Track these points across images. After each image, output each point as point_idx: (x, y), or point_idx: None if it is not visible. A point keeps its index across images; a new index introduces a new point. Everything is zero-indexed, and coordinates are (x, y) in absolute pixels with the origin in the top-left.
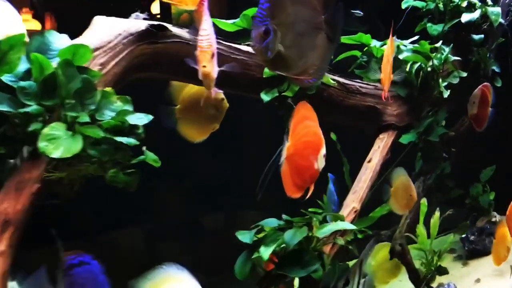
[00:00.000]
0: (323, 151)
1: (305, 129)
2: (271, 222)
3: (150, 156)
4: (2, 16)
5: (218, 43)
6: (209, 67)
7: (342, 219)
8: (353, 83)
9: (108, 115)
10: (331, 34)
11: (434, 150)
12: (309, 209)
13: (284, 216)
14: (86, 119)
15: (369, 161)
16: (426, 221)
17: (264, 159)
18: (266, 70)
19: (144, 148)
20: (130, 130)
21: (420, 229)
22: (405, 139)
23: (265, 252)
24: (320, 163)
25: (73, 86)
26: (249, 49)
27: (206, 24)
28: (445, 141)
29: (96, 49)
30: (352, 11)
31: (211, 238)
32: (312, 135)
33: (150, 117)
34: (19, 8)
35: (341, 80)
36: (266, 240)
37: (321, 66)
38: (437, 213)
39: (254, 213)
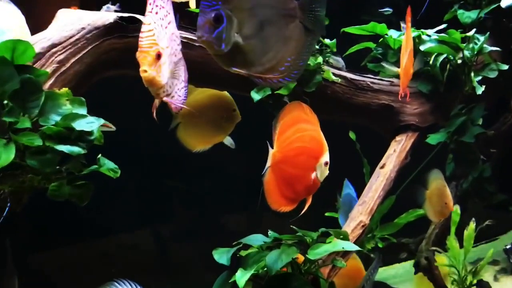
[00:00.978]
0: (324, 159)
1: (297, 133)
2: (255, 239)
3: (107, 166)
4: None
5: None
6: (151, 71)
7: (345, 235)
8: (363, 78)
9: (53, 120)
10: (310, 23)
11: (469, 151)
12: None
13: (270, 233)
14: (26, 124)
15: (382, 167)
16: (459, 231)
17: None
18: None
19: (99, 156)
20: (80, 136)
21: (451, 241)
22: (433, 139)
23: (242, 278)
24: (320, 173)
25: (9, 88)
26: None
27: (149, 18)
28: (483, 142)
29: (54, 45)
30: (380, 10)
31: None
32: (308, 140)
33: (102, 120)
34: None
35: (349, 75)
36: (248, 262)
37: (296, 62)
38: (472, 224)
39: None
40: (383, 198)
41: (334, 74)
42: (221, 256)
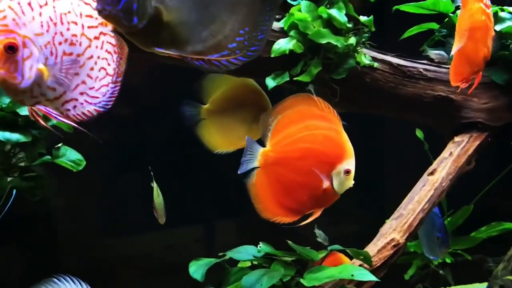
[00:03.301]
0: (343, 166)
1: (305, 131)
2: (244, 252)
3: (68, 156)
4: None
5: None
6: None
7: (366, 257)
8: (414, 65)
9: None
10: None
11: None
12: None
13: (260, 245)
14: None
15: (431, 173)
16: None
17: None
18: (275, 48)
19: (58, 146)
20: (30, 123)
21: None
22: None
23: None
24: (338, 183)
25: None
26: None
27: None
28: None
29: None
30: None
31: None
32: (320, 141)
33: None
34: None
35: (395, 60)
36: (228, 280)
37: (253, 35)
38: None
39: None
40: (428, 212)
41: (373, 58)
42: (197, 270)
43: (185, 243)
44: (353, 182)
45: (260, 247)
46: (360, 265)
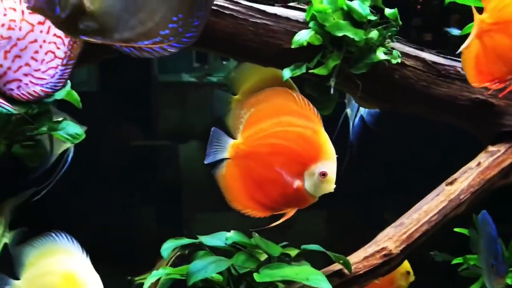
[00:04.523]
0: (318, 167)
1: (277, 127)
2: (217, 238)
3: (66, 130)
4: None
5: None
6: None
7: (346, 263)
8: (451, 63)
9: None
10: None
11: None
12: None
13: (230, 234)
14: None
15: (450, 183)
16: None
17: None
18: (295, 39)
19: (60, 119)
20: None
21: None
22: None
23: (150, 278)
24: (312, 184)
25: None
26: (277, 10)
27: None
28: None
29: None
30: None
31: None
32: (293, 139)
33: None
34: None
35: (429, 57)
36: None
37: (188, 22)
38: None
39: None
40: (435, 225)
41: (405, 54)
42: (167, 248)
43: None
44: (333, 186)
45: (230, 234)
46: (340, 270)
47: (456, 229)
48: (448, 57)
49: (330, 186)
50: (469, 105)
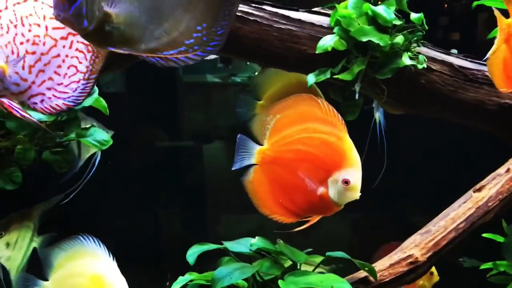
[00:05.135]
0: (342, 174)
1: (302, 133)
2: (242, 244)
3: (94, 136)
4: None
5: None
6: None
7: (371, 270)
8: (480, 67)
9: None
10: None
11: None
12: None
13: (255, 240)
14: None
15: (477, 190)
16: None
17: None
18: (319, 44)
19: (89, 126)
20: None
21: None
22: None
23: (177, 283)
24: (336, 192)
25: None
26: (302, 16)
27: None
28: None
29: None
30: None
31: None
32: (317, 145)
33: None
34: None
35: (456, 62)
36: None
37: (212, 31)
38: None
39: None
40: (463, 233)
41: (432, 58)
42: (192, 254)
43: None
44: (358, 194)
45: (255, 241)
46: (365, 277)
47: (484, 235)
48: (476, 61)
49: (354, 194)
50: (498, 110)
